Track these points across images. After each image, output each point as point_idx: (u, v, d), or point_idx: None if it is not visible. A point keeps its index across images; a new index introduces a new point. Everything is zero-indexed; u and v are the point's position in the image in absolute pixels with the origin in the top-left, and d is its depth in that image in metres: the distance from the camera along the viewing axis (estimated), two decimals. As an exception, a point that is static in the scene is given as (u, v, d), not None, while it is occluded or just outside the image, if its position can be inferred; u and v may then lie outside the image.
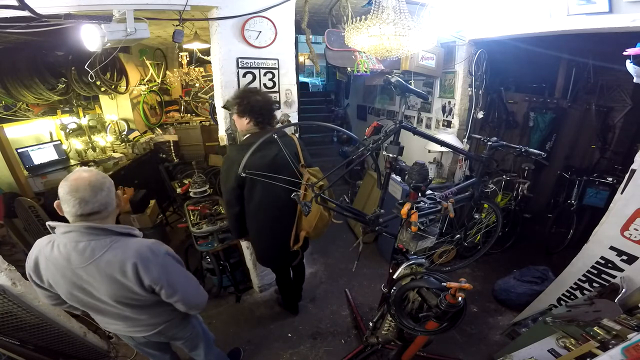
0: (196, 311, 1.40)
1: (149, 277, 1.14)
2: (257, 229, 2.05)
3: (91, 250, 1.09)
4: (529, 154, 1.81)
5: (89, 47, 1.75)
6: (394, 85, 1.60)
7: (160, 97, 4.97)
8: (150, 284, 1.15)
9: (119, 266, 1.10)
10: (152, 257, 1.15)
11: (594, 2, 1.87)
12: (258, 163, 1.76)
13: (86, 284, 1.14)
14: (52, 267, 1.12)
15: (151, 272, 1.14)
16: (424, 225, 1.60)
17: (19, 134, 3.28)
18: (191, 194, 2.89)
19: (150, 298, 1.22)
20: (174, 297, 1.23)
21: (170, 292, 1.21)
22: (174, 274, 1.23)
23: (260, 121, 1.85)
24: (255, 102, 1.81)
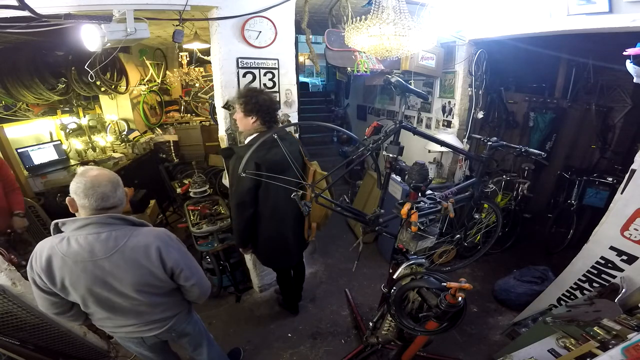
0: (204, 298, 1.43)
1: (172, 260, 1.20)
2: (274, 229, 2.03)
3: (114, 239, 1.12)
4: (529, 154, 1.81)
5: (89, 47, 1.75)
6: (394, 85, 1.60)
7: (160, 97, 4.97)
8: (172, 266, 1.21)
9: (144, 250, 1.15)
10: (170, 241, 1.23)
11: (594, 2, 1.87)
12: (272, 159, 1.78)
13: (109, 275, 1.14)
14: (70, 263, 1.10)
15: (172, 255, 1.21)
16: (424, 225, 1.60)
17: (19, 134, 3.28)
18: (191, 194, 2.89)
19: (168, 285, 1.27)
20: (191, 280, 1.29)
21: (188, 275, 1.27)
22: (189, 258, 1.31)
23: (268, 120, 1.87)
24: (262, 101, 1.82)
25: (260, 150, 1.71)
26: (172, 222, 3.90)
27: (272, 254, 2.18)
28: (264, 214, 1.97)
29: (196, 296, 1.38)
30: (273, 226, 2.02)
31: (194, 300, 1.43)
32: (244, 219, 1.94)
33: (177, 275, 1.26)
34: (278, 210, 1.97)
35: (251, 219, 1.96)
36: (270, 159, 1.78)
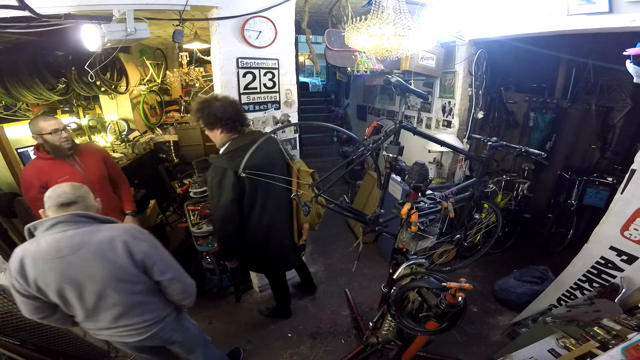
0: (189, 298, 1.40)
1: (141, 252, 1.20)
2: (264, 234, 1.96)
3: (80, 235, 1.15)
4: (529, 154, 1.81)
5: (89, 47, 1.75)
6: (394, 85, 1.60)
7: (160, 97, 4.97)
8: (143, 259, 1.20)
9: (110, 244, 1.16)
10: (139, 234, 1.24)
11: (594, 2, 1.87)
12: (254, 162, 1.64)
13: (78, 273, 1.14)
14: (40, 263, 1.12)
15: (141, 246, 1.21)
16: (424, 225, 1.60)
17: (19, 134, 3.27)
18: (191, 194, 2.88)
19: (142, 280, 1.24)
20: (167, 274, 1.27)
21: (162, 268, 1.26)
22: (163, 251, 1.29)
23: (232, 126, 1.78)
24: (217, 109, 1.73)
25: (235, 157, 1.65)
26: (172, 222, 3.90)
27: (270, 261, 2.14)
28: (252, 222, 1.90)
29: (179, 293, 1.34)
30: (265, 233, 1.96)
31: (178, 301, 1.38)
32: (229, 233, 1.86)
33: (150, 269, 1.24)
34: (266, 215, 1.91)
35: (236, 232, 1.87)
36: (248, 164, 1.58)
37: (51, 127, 1.87)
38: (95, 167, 2.11)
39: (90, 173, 2.07)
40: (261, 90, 2.33)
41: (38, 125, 1.88)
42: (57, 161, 1.95)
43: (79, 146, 2.08)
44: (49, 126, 1.87)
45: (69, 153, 1.98)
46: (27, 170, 1.97)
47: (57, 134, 1.89)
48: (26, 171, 1.97)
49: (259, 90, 2.31)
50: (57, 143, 1.90)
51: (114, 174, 2.30)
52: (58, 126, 1.90)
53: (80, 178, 1.98)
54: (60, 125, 1.92)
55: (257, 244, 1.99)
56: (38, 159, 1.96)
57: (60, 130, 1.90)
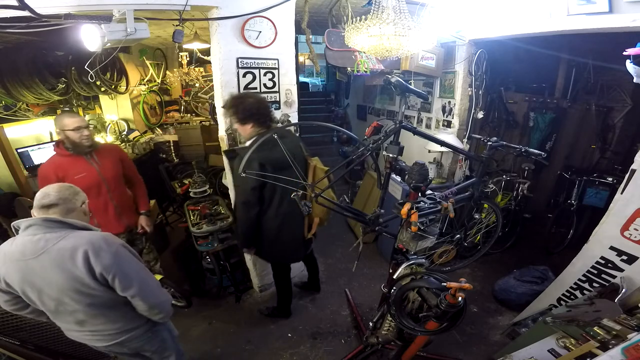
0: (159, 314, 1.33)
1: (100, 265, 1.14)
2: (279, 224, 2.06)
3: (45, 240, 1.14)
4: (529, 154, 1.81)
5: (89, 47, 1.75)
6: (394, 85, 1.60)
7: (160, 97, 4.96)
8: (102, 272, 1.15)
9: (70, 254, 1.13)
10: (104, 245, 1.17)
11: (594, 2, 1.87)
12: (275, 157, 1.80)
13: (38, 277, 1.15)
14: (8, 262, 1.14)
15: (102, 260, 1.15)
16: (424, 225, 1.60)
17: (19, 134, 3.27)
18: (191, 194, 2.89)
19: (104, 294, 1.20)
20: (130, 290, 1.21)
21: (125, 284, 1.20)
22: (129, 265, 1.23)
23: (263, 121, 1.93)
24: (250, 105, 1.88)
25: (263, 150, 1.73)
26: (172, 222, 3.90)
27: (281, 251, 2.22)
28: (270, 212, 2.01)
29: (146, 310, 1.28)
30: (280, 223, 2.05)
31: (148, 316, 1.33)
32: (249, 218, 1.99)
33: (111, 283, 1.18)
34: (284, 206, 2.00)
35: (256, 218, 2.00)
36: (273, 157, 1.82)
37: (74, 124, 1.92)
38: (112, 166, 2.15)
39: (106, 171, 2.10)
40: (261, 90, 2.32)
41: (62, 121, 1.93)
42: (75, 158, 2.00)
43: (98, 144, 2.14)
44: (72, 123, 1.92)
45: (87, 150, 2.02)
46: (45, 165, 1.99)
47: (79, 131, 1.93)
48: (44, 166, 1.99)
49: (259, 90, 2.31)
50: (78, 140, 1.94)
51: (130, 174, 2.33)
52: (81, 124, 1.95)
53: (95, 175, 2.04)
54: (83, 123, 1.96)
55: (272, 234, 2.08)
56: (57, 156, 2.00)
57: (82, 128, 1.95)
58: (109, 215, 2.15)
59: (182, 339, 2.39)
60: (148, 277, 1.31)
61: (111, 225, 2.14)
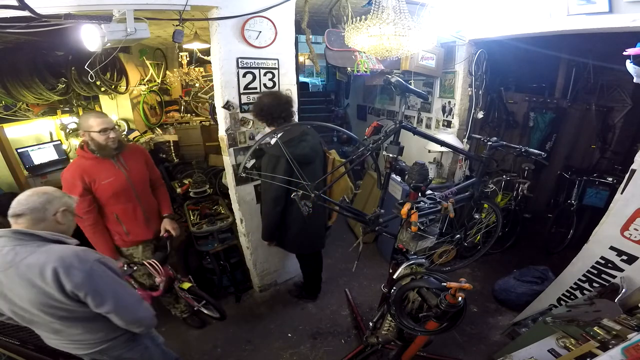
0: (140, 328, 1.31)
1: (70, 283, 1.09)
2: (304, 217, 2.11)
3: (14, 254, 1.09)
4: (529, 154, 1.81)
5: (89, 47, 1.75)
6: (394, 85, 1.60)
7: (160, 97, 4.96)
8: (73, 290, 1.10)
9: (39, 270, 1.07)
10: (76, 262, 1.11)
11: (594, 2, 1.87)
12: (301, 153, 1.98)
13: (8, 290, 1.11)
14: None
15: (73, 278, 1.09)
16: (424, 225, 1.60)
17: (19, 134, 3.27)
18: (191, 194, 2.90)
19: (78, 309, 1.16)
20: (103, 308, 1.17)
21: (98, 302, 1.15)
22: (104, 282, 1.17)
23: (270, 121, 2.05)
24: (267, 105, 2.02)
25: (289, 146, 1.89)
26: (172, 222, 3.90)
27: (306, 240, 2.34)
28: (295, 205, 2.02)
29: (124, 325, 1.24)
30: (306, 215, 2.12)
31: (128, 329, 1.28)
32: (276, 213, 2.10)
33: (84, 300, 1.14)
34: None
35: (281, 213, 2.12)
36: (299, 152, 1.95)
37: (100, 126, 1.81)
38: (139, 169, 2.05)
39: (134, 175, 2.00)
40: (261, 90, 2.32)
41: (88, 122, 1.82)
42: (101, 161, 1.89)
43: (124, 146, 2.01)
44: (99, 124, 1.81)
45: (114, 153, 1.92)
46: (70, 170, 1.85)
47: (106, 133, 1.82)
48: (68, 171, 1.85)
49: (259, 90, 2.31)
50: (104, 142, 1.83)
51: (154, 177, 2.22)
52: (107, 125, 1.83)
53: (124, 180, 1.94)
54: (109, 125, 1.85)
55: (298, 226, 2.17)
56: (81, 159, 1.88)
57: (109, 130, 1.83)
58: (138, 221, 2.05)
59: (182, 339, 2.40)
60: (125, 293, 1.25)
61: (141, 232, 2.06)
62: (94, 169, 1.86)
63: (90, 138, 1.83)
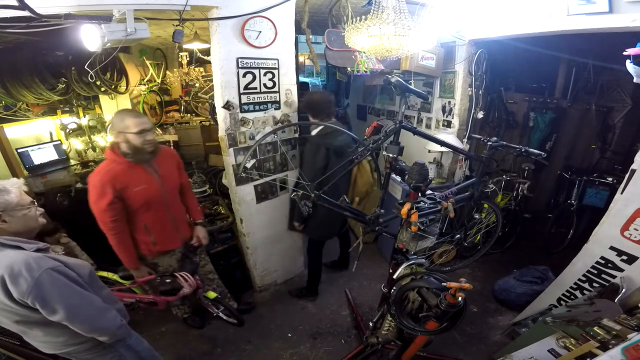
0: (103, 337, 1.26)
1: (17, 292, 1.06)
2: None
3: None
4: (529, 154, 1.81)
5: (89, 47, 1.75)
6: (394, 85, 1.60)
7: (160, 97, 4.96)
8: (21, 298, 1.07)
9: None
10: (25, 270, 1.07)
11: (594, 2, 1.87)
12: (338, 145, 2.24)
13: None
14: None
15: (19, 287, 1.06)
16: (424, 225, 1.60)
17: (19, 134, 3.27)
18: (191, 194, 2.89)
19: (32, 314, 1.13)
20: (55, 316, 1.13)
21: (48, 311, 1.12)
22: (54, 291, 1.11)
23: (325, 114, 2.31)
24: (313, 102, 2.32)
25: (329, 138, 2.23)
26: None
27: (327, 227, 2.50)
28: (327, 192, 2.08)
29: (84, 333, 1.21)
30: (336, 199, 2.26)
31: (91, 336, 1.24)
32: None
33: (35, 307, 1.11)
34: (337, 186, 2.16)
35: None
36: (337, 144, 2.23)
37: (138, 127, 1.65)
38: (171, 176, 1.92)
39: (168, 182, 1.87)
40: (261, 90, 2.33)
41: (124, 122, 1.66)
42: (133, 166, 1.73)
43: (158, 150, 1.83)
44: (136, 125, 1.65)
45: (148, 158, 1.76)
46: (100, 175, 1.68)
47: (143, 135, 1.67)
48: (98, 176, 1.68)
49: (259, 90, 2.31)
50: (140, 145, 1.68)
51: (184, 181, 2.08)
52: (145, 126, 1.68)
53: (157, 188, 1.81)
54: (147, 126, 1.70)
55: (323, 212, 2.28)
56: (111, 163, 1.72)
57: (146, 132, 1.69)
58: (167, 230, 1.94)
59: (182, 339, 2.40)
60: (83, 303, 1.19)
61: (169, 241, 1.98)
62: (126, 175, 1.70)
63: (125, 140, 1.67)
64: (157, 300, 2.08)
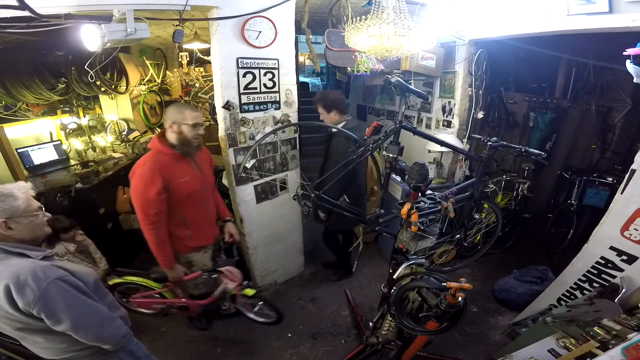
0: (107, 346, 1.25)
1: (22, 302, 1.05)
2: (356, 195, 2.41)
3: None
4: (529, 154, 1.81)
5: (89, 47, 1.75)
6: (394, 85, 1.60)
7: (160, 97, 4.97)
8: (26, 307, 1.06)
9: None
10: (31, 281, 1.05)
11: (594, 2, 1.87)
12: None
13: None
14: None
15: (25, 297, 1.04)
16: (424, 225, 1.60)
17: (19, 134, 3.27)
18: (191, 194, 2.88)
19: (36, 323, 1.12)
20: (60, 326, 1.11)
21: (53, 321, 1.10)
22: (60, 302, 1.10)
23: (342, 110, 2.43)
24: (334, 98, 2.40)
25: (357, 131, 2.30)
26: (172, 222, 3.90)
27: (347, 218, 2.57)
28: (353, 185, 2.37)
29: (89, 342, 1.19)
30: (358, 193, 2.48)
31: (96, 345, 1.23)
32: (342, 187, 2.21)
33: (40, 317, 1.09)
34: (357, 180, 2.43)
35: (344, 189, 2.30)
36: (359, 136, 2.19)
37: (194, 120, 1.71)
38: (208, 172, 1.98)
39: (206, 178, 1.92)
40: (261, 90, 2.33)
41: (183, 114, 1.70)
42: (178, 158, 1.77)
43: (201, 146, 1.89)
44: (193, 118, 1.71)
45: (194, 152, 1.82)
46: (149, 164, 1.68)
47: (196, 128, 1.73)
48: (147, 165, 1.68)
49: (259, 90, 2.31)
50: (191, 138, 1.73)
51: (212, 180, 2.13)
52: (199, 120, 1.74)
53: (198, 181, 1.85)
54: (201, 121, 1.76)
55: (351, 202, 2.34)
56: (158, 153, 1.73)
57: (200, 126, 1.75)
58: (202, 225, 1.97)
59: (182, 339, 2.40)
60: (89, 313, 1.18)
61: (204, 237, 1.99)
62: (172, 166, 1.73)
63: (178, 131, 1.70)
64: (190, 304, 2.05)
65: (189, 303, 2.05)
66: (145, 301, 2.12)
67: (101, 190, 3.15)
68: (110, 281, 2.09)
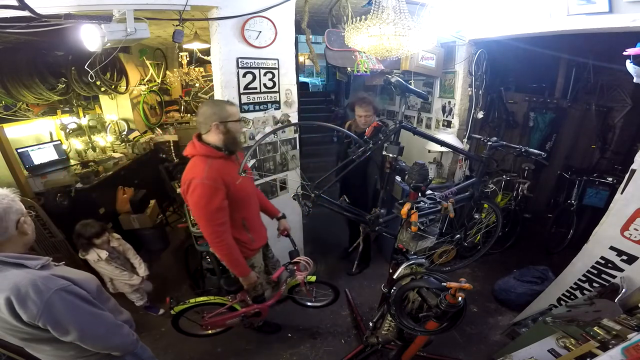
0: (116, 353, 1.24)
1: (26, 315, 1.01)
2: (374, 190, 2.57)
3: None
4: (529, 154, 1.81)
5: (89, 47, 1.75)
6: (394, 85, 1.60)
7: (160, 97, 4.97)
8: (30, 320, 1.02)
9: None
10: (32, 293, 1.01)
11: (594, 2, 1.87)
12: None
13: None
14: None
15: (28, 310, 1.00)
16: (424, 225, 1.60)
17: (19, 134, 3.27)
18: (191, 194, 2.88)
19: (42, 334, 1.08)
20: (67, 337, 1.09)
21: (60, 332, 1.07)
22: (66, 313, 1.06)
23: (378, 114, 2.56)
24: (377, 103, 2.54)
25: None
26: (172, 222, 3.90)
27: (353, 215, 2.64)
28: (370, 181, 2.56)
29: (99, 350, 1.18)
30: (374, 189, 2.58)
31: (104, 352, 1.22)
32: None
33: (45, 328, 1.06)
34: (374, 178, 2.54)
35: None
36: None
37: (239, 114, 1.56)
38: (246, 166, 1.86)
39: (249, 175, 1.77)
40: (261, 90, 2.33)
41: (226, 111, 1.53)
42: (227, 160, 1.62)
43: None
44: (237, 113, 1.56)
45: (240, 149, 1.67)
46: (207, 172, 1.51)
47: (240, 124, 1.59)
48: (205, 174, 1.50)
49: (259, 90, 2.31)
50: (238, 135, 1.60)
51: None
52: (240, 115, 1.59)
53: (250, 180, 1.73)
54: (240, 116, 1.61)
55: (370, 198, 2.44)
56: (207, 158, 1.55)
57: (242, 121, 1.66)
58: (259, 225, 1.90)
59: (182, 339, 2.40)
60: (96, 322, 1.15)
61: (261, 237, 1.93)
62: (226, 169, 1.57)
63: (225, 130, 1.53)
64: (262, 308, 2.02)
65: (260, 307, 1.99)
66: (217, 320, 2.05)
67: (101, 190, 3.16)
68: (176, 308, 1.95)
